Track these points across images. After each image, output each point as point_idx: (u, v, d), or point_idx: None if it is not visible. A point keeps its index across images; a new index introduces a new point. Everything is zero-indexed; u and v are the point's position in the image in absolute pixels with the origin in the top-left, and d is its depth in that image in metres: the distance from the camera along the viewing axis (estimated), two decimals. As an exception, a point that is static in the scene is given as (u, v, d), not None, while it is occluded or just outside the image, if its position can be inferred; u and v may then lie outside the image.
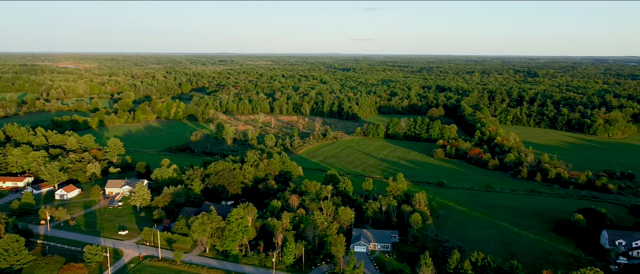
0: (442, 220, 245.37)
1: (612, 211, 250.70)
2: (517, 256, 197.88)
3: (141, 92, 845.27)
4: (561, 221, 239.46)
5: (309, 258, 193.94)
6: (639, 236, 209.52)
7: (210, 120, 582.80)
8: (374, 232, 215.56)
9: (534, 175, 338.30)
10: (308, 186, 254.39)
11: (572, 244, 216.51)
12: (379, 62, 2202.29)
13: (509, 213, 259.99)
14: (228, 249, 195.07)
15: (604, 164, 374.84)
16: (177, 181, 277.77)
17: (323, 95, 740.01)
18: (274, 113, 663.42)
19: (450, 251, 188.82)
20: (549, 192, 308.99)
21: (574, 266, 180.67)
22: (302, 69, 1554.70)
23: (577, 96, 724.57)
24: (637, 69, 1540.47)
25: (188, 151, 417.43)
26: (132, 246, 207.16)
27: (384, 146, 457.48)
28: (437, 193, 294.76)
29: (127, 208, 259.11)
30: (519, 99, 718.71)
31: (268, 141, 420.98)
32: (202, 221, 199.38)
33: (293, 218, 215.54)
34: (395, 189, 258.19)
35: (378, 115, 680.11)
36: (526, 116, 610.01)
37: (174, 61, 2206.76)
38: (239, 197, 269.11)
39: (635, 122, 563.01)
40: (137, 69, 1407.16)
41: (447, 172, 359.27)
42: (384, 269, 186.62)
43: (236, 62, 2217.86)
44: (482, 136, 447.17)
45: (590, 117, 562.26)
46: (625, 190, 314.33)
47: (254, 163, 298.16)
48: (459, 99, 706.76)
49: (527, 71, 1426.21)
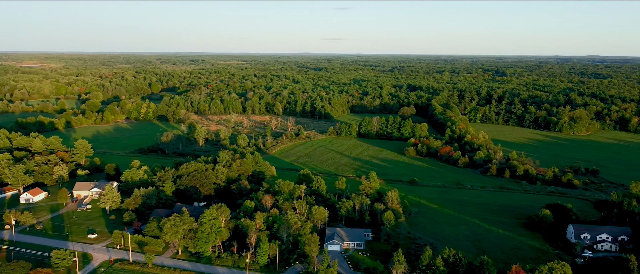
0: (415, 217, 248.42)
1: (577, 206, 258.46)
2: (488, 251, 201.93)
3: (110, 92, 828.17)
4: (529, 216, 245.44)
5: (283, 257, 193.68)
6: (603, 230, 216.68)
7: (182, 120, 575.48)
8: (348, 231, 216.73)
9: (503, 172, 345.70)
10: (281, 185, 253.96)
11: (540, 239, 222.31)
12: (351, 61, 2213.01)
13: (479, 210, 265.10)
14: (201, 250, 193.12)
15: (570, 161, 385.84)
16: (148, 182, 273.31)
17: (296, 95, 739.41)
18: (246, 113, 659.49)
19: (423, 248, 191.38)
20: (517, 188, 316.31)
21: (542, 260, 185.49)
22: (275, 68, 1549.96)
23: (543, 95, 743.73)
24: (600, 68, 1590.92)
25: (159, 152, 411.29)
26: (102, 250, 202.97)
27: (356, 145, 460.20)
28: (409, 191, 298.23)
29: (97, 210, 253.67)
30: (487, 98, 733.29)
31: (241, 141, 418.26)
32: (174, 222, 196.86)
33: (266, 218, 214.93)
34: (368, 188, 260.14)
35: (350, 114, 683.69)
36: (495, 114, 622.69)
37: (144, 61, 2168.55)
38: (211, 198, 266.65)
39: (598, 119, 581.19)
40: (105, 69, 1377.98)
41: (418, 170, 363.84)
42: (358, 268, 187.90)
43: (207, 61, 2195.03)
44: (453, 134, 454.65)
45: (556, 115, 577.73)
46: (589, 185, 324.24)
47: (227, 163, 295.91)
48: (429, 98, 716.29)
49: (496, 70, 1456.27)
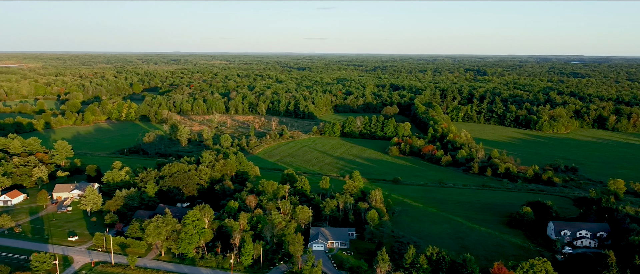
0: (398, 216, 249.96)
1: (557, 203, 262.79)
2: (470, 249, 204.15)
3: (90, 92, 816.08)
4: (511, 214, 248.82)
5: (267, 257, 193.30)
6: (583, 226, 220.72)
7: (164, 121, 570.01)
8: (332, 230, 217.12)
9: (484, 170, 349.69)
10: (265, 185, 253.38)
11: (521, 236, 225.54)
12: (334, 61, 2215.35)
13: (462, 208, 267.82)
14: (184, 251, 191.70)
15: (550, 159, 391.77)
16: (130, 183, 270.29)
17: (279, 94, 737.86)
18: (229, 113, 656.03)
19: (406, 246, 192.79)
20: (499, 186, 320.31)
21: (523, 257, 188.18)
22: (258, 68, 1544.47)
23: (523, 94, 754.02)
24: (579, 68, 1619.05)
25: (141, 153, 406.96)
26: (83, 252, 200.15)
27: (340, 144, 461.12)
28: (393, 190, 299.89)
29: (77, 213, 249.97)
30: (469, 97, 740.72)
31: (224, 141, 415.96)
32: (156, 224, 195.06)
33: (250, 218, 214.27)
34: (352, 187, 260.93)
35: (334, 114, 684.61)
36: (476, 113, 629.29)
37: (125, 60, 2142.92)
38: (195, 198, 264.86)
39: (577, 118, 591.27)
40: (86, 69, 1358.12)
41: (402, 169, 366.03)
42: (342, 267, 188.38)
43: (190, 61, 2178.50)
44: (435, 133, 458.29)
45: (536, 113, 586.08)
46: (569, 183, 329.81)
47: (210, 164, 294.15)
48: (412, 98, 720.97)
49: (477, 70, 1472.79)
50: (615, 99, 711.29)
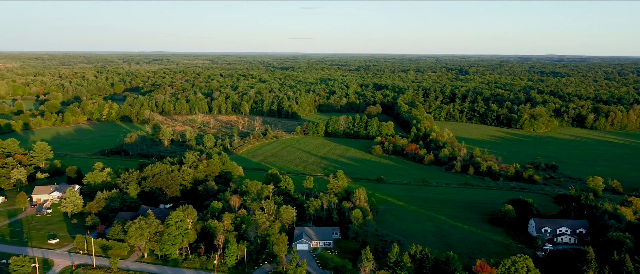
0: (382, 215, 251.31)
1: (538, 201, 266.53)
2: (453, 247, 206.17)
3: (70, 93, 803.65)
4: (493, 211, 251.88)
5: (252, 258, 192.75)
6: (563, 223, 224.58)
7: (146, 121, 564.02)
8: (316, 229, 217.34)
9: (467, 169, 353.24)
10: (249, 186, 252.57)
11: (503, 234, 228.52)
12: (317, 60, 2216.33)
13: (445, 206, 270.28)
14: (167, 253, 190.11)
15: (530, 157, 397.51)
16: (112, 185, 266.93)
17: (262, 94, 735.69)
18: (212, 113, 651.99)
19: (390, 245, 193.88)
20: (481, 184, 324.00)
21: (505, 254, 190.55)
22: (241, 68, 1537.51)
23: (504, 93, 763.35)
24: (558, 67, 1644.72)
25: (123, 154, 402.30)
26: (64, 255, 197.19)
27: (324, 144, 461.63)
28: (377, 189, 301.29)
29: (57, 215, 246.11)
30: (451, 96, 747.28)
31: (207, 142, 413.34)
32: (139, 225, 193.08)
33: (234, 218, 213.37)
34: (336, 187, 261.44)
35: (317, 113, 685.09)
36: (459, 112, 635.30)
37: (105, 60, 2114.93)
38: (178, 199, 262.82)
39: (557, 116, 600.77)
40: (65, 69, 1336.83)
41: (385, 168, 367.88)
42: (327, 266, 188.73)
43: (172, 61, 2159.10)
44: (418, 132, 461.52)
45: (517, 112, 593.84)
46: (549, 180, 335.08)
47: (193, 164, 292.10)
48: (395, 97, 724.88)
49: (459, 69, 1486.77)
50: (594, 98, 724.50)
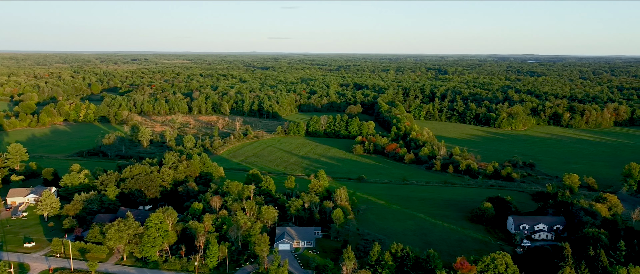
0: (363, 214, 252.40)
1: (516, 198, 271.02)
2: (433, 244, 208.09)
3: (46, 93, 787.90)
4: (472, 209, 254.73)
5: (233, 259, 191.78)
6: (540, 220, 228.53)
7: (124, 122, 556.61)
8: (298, 229, 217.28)
9: (446, 167, 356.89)
10: (230, 186, 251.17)
11: (482, 231, 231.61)
12: (298, 60, 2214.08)
13: (425, 204, 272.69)
14: (147, 255, 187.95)
15: (508, 155, 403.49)
16: (90, 187, 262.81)
17: (243, 94, 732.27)
18: (192, 113, 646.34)
19: (372, 243, 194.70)
20: (460, 183, 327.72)
21: (485, 251, 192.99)
22: (221, 68, 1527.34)
23: (483, 92, 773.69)
24: (535, 67, 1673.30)
25: (101, 155, 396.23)
26: (41, 259, 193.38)
27: (305, 143, 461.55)
28: (358, 188, 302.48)
29: (33, 218, 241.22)
30: (431, 96, 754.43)
31: (187, 142, 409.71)
32: (118, 227, 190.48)
33: (215, 219, 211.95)
34: (317, 186, 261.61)
35: (298, 113, 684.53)
36: (438, 111, 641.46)
37: (82, 60, 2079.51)
38: (157, 201, 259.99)
39: (534, 115, 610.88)
40: (41, 69, 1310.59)
41: (366, 167, 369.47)
42: (308, 266, 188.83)
43: (150, 60, 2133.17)
44: (398, 131, 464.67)
45: (495, 111, 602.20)
46: (527, 178, 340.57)
47: (173, 165, 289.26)
48: (375, 96, 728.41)
49: (438, 69, 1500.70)
50: (569, 96, 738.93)
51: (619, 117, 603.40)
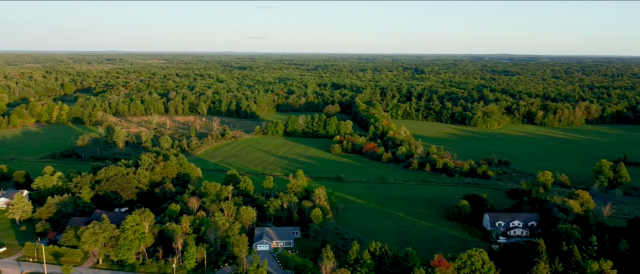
0: (342, 213, 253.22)
1: (492, 196, 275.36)
2: (412, 243, 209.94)
3: (16, 94, 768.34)
4: (449, 207, 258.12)
5: (211, 260, 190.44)
6: (515, 217, 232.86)
7: (99, 123, 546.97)
8: (277, 229, 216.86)
9: (423, 166, 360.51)
10: (208, 187, 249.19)
11: (459, 228, 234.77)
12: (275, 60, 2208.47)
13: (403, 203, 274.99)
14: (124, 258, 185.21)
15: (484, 153, 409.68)
16: (63, 189, 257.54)
17: (220, 94, 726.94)
18: (169, 114, 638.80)
19: (350, 242, 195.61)
20: (437, 181, 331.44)
21: (462, 249, 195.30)
22: (198, 67, 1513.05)
23: (459, 91, 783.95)
24: (509, 66, 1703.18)
25: (74, 157, 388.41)
26: (12, 264, 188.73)
27: (283, 143, 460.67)
28: (336, 188, 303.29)
29: (5, 222, 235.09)
30: (408, 95, 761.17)
31: (164, 143, 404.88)
32: (93, 230, 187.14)
33: (193, 220, 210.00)
34: (296, 186, 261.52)
35: (276, 113, 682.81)
36: (415, 111, 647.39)
37: (55, 60, 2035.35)
38: (134, 203, 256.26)
39: (508, 113, 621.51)
40: (11, 69, 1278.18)
41: (344, 166, 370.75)
42: (288, 266, 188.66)
43: (125, 60, 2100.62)
44: (376, 130, 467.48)
45: (470, 110, 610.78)
46: (502, 176, 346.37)
47: (149, 166, 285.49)
48: (353, 96, 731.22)
49: (415, 68, 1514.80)
50: (542, 95, 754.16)
51: (590, 116, 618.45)
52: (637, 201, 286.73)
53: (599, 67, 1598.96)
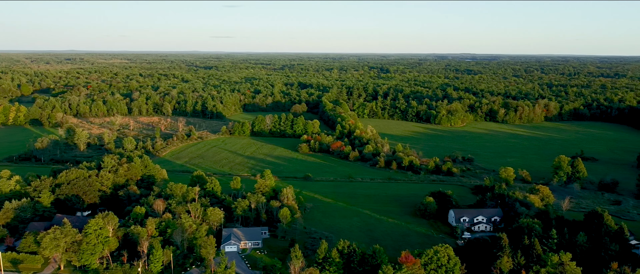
0: (310, 212, 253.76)
1: (457, 192, 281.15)
2: (379, 240, 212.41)
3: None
4: (415, 204, 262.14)
5: (178, 263, 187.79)
6: (479, 212, 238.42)
7: (59, 124, 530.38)
8: (245, 230, 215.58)
9: (390, 164, 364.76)
10: (174, 189, 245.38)
11: (425, 225, 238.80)
12: (242, 59, 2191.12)
13: (370, 201, 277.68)
14: (87, 263, 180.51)
15: (448, 151, 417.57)
16: (21, 193, 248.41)
17: (185, 94, 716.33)
18: (132, 114, 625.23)
19: (319, 241, 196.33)
20: (403, 178, 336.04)
21: (428, 245, 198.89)
22: (162, 67, 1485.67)
23: (423, 90, 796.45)
24: (472, 65, 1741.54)
25: (33, 160, 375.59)
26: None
27: (250, 143, 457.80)
28: (304, 187, 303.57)
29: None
30: (374, 94, 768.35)
31: (127, 144, 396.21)
32: (54, 235, 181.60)
33: (159, 223, 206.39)
34: (263, 186, 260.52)
35: (243, 113, 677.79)
36: (381, 109, 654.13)
37: (10, 60, 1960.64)
38: (97, 206, 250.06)
39: (471, 111, 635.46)
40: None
41: (312, 166, 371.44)
42: (256, 266, 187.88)
43: (86, 60, 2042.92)
44: (343, 129, 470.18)
45: (435, 108, 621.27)
46: (466, 172, 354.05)
47: (113, 169, 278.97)
48: (320, 95, 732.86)
49: (380, 68, 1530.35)
50: (504, 93, 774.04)
51: (549, 113, 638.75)
52: (593, 194, 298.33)
53: (557, 66, 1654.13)
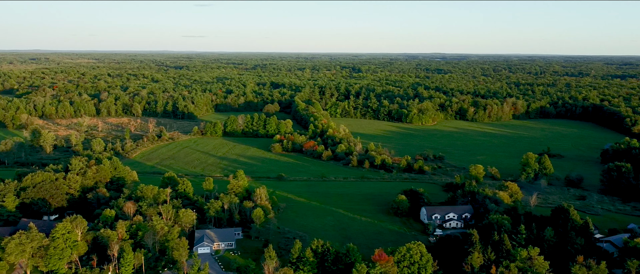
0: (283, 212, 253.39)
1: (428, 190, 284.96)
2: (352, 238, 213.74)
3: None
4: (388, 202, 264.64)
5: (150, 266, 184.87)
6: (451, 209, 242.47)
7: (23, 126, 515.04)
8: (217, 231, 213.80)
9: (362, 163, 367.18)
10: (144, 191, 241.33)
11: (398, 223, 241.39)
12: (213, 59, 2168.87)
13: (343, 200, 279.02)
14: (54, 268, 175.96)
15: (420, 149, 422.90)
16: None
17: (155, 94, 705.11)
18: (101, 115, 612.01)
19: (293, 241, 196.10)
20: (376, 177, 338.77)
21: (401, 242, 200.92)
22: (131, 67, 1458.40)
23: (395, 89, 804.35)
24: (442, 65, 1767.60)
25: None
26: None
27: (222, 144, 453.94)
28: (277, 187, 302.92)
29: None
30: (346, 93, 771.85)
31: (96, 146, 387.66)
32: (19, 240, 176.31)
33: (129, 226, 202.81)
34: (236, 187, 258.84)
35: (215, 113, 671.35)
36: (353, 109, 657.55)
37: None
38: (64, 210, 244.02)
39: (442, 110, 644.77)
40: None
41: (285, 165, 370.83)
42: (230, 268, 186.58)
43: (52, 60, 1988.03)
44: (316, 129, 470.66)
45: (406, 107, 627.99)
46: (437, 170, 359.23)
47: (81, 171, 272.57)
48: (292, 95, 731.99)
49: (352, 67, 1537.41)
50: (473, 92, 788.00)
51: (516, 111, 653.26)
52: (560, 190, 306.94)
53: (524, 66, 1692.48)
